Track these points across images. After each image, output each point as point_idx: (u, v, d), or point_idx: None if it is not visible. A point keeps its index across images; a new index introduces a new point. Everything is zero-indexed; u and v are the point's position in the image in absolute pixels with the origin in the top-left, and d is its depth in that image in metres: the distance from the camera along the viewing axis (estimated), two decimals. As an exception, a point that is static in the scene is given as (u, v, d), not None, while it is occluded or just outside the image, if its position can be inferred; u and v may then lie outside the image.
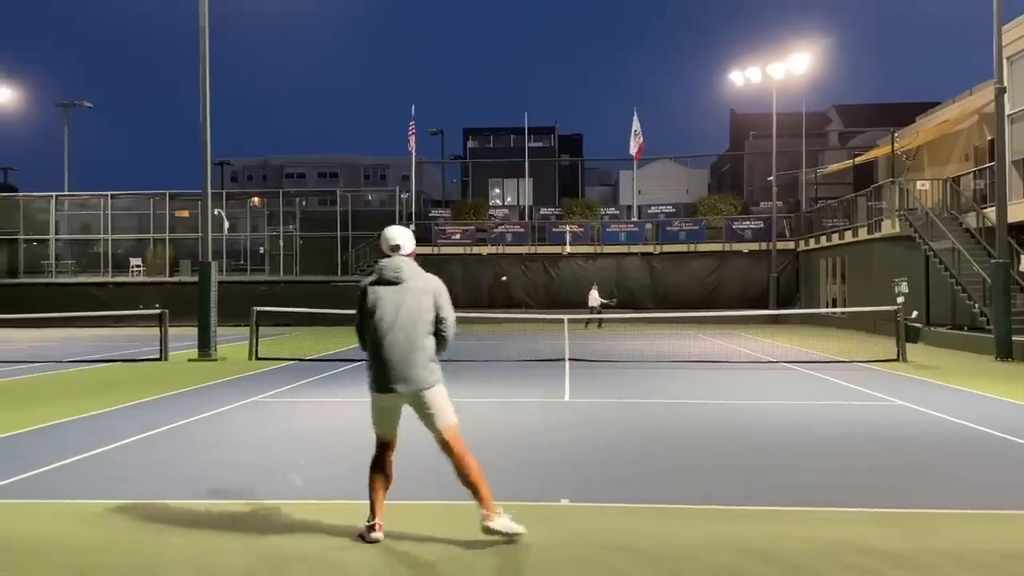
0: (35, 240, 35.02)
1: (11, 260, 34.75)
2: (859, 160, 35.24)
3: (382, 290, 4.59)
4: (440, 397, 4.70)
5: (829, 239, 28.59)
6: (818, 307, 29.25)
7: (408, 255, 4.71)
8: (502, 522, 4.57)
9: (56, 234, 34.67)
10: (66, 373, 14.31)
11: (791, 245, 32.76)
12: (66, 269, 34.50)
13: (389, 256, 4.67)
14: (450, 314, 4.76)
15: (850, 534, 4.80)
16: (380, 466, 4.76)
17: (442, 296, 4.72)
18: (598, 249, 33.80)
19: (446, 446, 4.65)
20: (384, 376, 4.56)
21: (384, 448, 4.79)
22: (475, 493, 4.61)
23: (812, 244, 30.71)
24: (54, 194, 35.50)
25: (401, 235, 4.74)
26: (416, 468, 6.08)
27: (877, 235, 23.99)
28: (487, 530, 4.56)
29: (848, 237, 26.62)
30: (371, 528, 4.65)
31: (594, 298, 27.29)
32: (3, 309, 30.03)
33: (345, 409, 9.99)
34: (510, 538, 4.57)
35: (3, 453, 7.30)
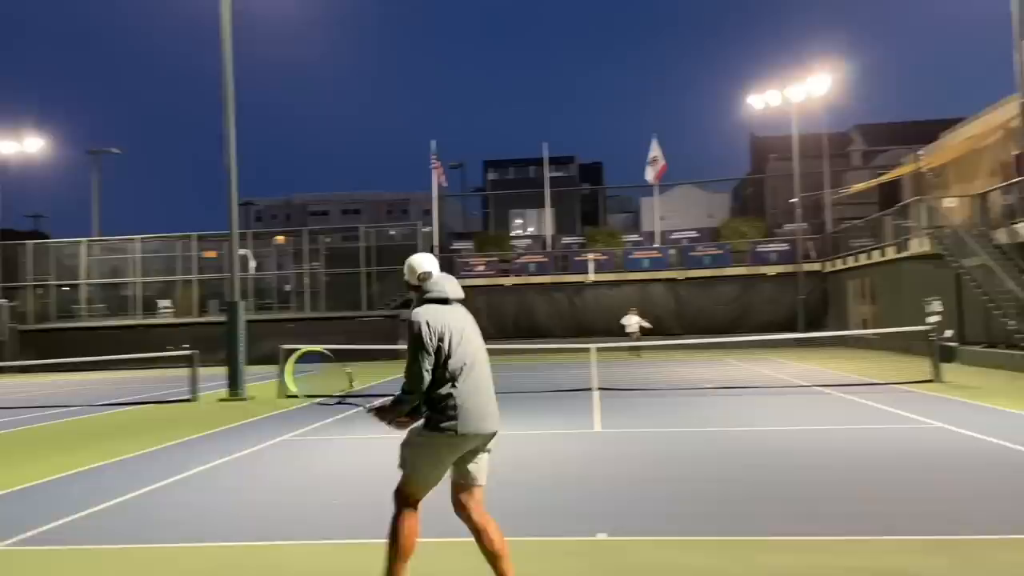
0: (66, 285, 35.58)
1: (43, 305, 35.30)
2: (884, 179, 35.04)
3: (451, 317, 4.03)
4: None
5: (856, 260, 28.28)
6: (848, 329, 28.85)
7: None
8: None
9: (87, 278, 35.21)
10: (98, 417, 14.43)
11: (818, 267, 32.44)
12: (97, 313, 34.95)
13: (419, 286, 4.13)
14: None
15: (896, 563, 4.66)
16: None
17: None
18: (622, 276, 33.69)
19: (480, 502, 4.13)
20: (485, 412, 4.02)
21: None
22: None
23: (839, 265, 30.40)
24: (84, 239, 36.12)
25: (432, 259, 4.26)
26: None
27: (905, 254, 23.68)
28: None
29: (876, 257, 26.32)
30: None
31: (633, 323, 26.59)
32: (36, 354, 30.49)
33: (374, 446, 9.95)
34: None
35: (37, 500, 7.34)
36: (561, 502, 6.57)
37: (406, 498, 4.08)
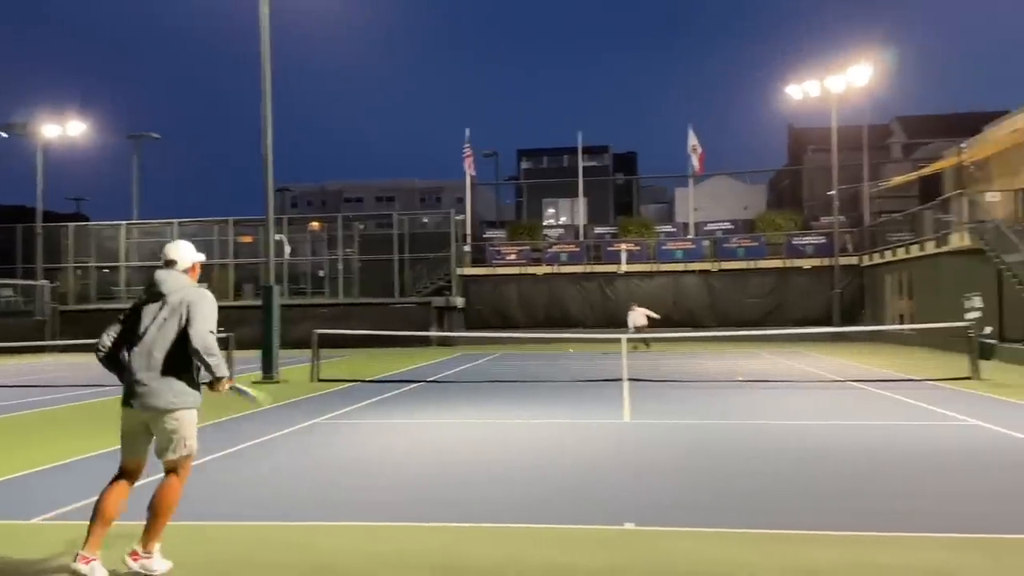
0: (106, 267, 36.30)
1: (83, 286, 36.07)
2: (924, 172, 34.28)
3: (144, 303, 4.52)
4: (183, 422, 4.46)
5: (894, 254, 27.79)
6: (884, 324, 28.38)
7: (185, 271, 4.59)
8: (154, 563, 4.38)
9: (126, 261, 35.89)
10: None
11: (854, 260, 31.94)
12: (135, 295, 35.56)
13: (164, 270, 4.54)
14: (201, 327, 4.35)
15: (934, 561, 4.60)
16: (110, 492, 4.37)
17: (195, 308, 4.38)
18: (654, 267, 33.49)
19: (171, 473, 4.48)
20: (128, 390, 4.39)
21: (123, 474, 4.46)
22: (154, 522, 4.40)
23: (876, 259, 29.89)
24: (123, 222, 36.78)
25: (174, 249, 4.63)
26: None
27: (945, 249, 23.22)
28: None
29: (914, 251, 25.83)
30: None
31: (637, 318, 26.00)
32: (76, 334, 31.17)
33: (405, 430, 10.04)
34: None
35: (75, 475, 7.52)
36: (590, 491, 6.58)
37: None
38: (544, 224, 44.70)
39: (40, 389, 16.08)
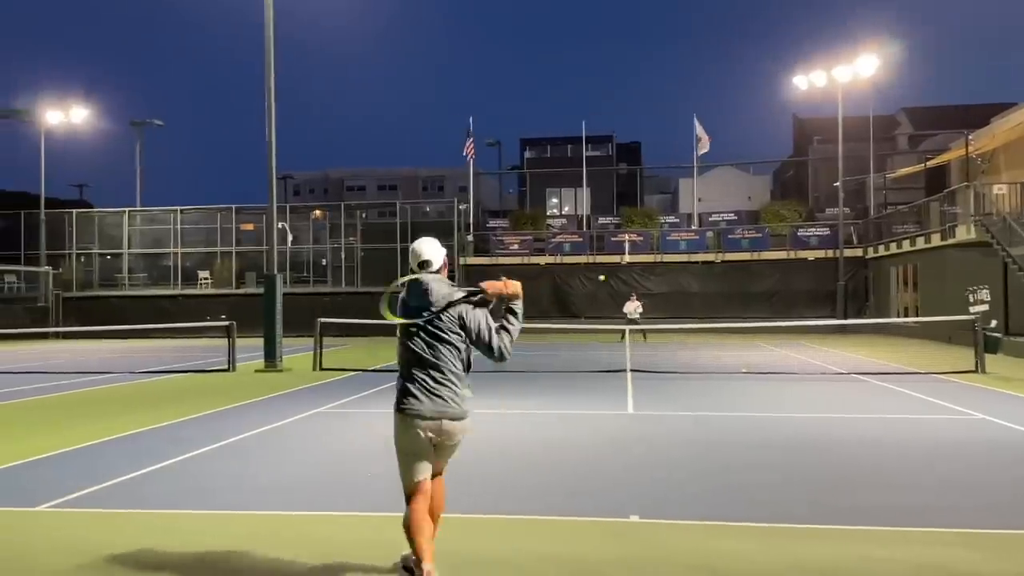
0: (109, 254, 36.29)
1: (86, 273, 36.07)
2: (931, 164, 34.08)
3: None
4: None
5: (900, 246, 27.67)
6: (889, 316, 28.31)
7: (437, 271, 4.26)
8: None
9: (129, 248, 35.86)
10: (137, 384, 14.73)
11: (859, 252, 31.81)
12: (138, 282, 35.65)
13: (416, 272, 4.22)
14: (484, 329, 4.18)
15: (935, 556, 4.57)
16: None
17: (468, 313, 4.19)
18: (658, 258, 33.40)
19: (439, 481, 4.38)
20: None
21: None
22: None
23: (882, 251, 29.77)
24: (127, 209, 36.76)
25: (429, 249, 4.27)
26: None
27: (951, 241, 23.11)
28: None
29: (920, 244, 25.72)
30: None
31: (633, 309, 26.16)
32: (78, 321, 31.24)
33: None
34: None
35: (79, 463, 7.51)
36: (593, 483, 6.55)
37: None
38: (547, 214, 44.59)
39: (43, 376, 16.09)
